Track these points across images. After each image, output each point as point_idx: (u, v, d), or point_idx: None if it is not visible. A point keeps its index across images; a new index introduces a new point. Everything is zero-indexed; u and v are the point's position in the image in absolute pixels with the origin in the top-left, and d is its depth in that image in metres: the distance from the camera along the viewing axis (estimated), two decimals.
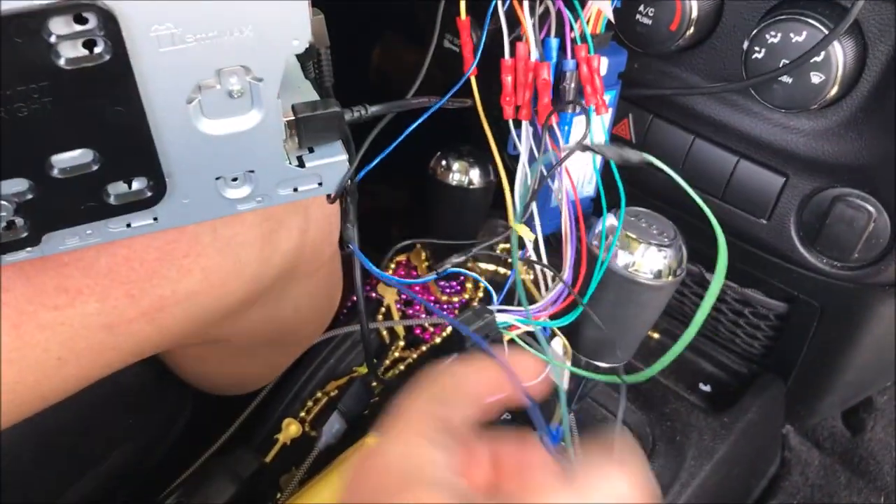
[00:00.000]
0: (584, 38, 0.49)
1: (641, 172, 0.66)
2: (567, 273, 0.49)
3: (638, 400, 0.73)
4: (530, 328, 0.48)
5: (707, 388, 0.78)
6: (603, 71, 0.52)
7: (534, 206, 0.53)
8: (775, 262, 0.63)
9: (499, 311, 0.48)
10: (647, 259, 0.50)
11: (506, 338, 0.49)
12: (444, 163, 0.70)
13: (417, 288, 0.81)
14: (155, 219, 0.39)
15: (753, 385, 0.76)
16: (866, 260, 0.58)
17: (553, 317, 0.49)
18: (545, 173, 0.50)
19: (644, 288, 0.50)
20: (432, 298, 0.80)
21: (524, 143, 0.50)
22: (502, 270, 0.84)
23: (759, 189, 0.59)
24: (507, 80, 0.50)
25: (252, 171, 0.39)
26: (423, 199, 0.74)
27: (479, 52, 0.49)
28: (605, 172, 0.54)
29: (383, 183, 1.14)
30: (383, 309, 0.80)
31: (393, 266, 0.83)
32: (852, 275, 0.59)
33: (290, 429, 0.70)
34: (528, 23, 0.48)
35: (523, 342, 0.50)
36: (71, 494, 0.63)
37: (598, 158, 0.55)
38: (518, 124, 0.52)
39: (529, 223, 0.51)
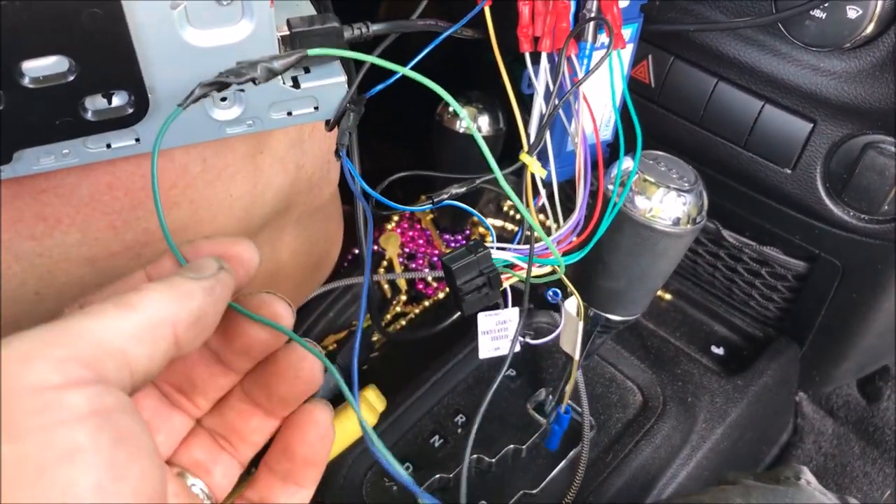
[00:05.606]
0: None
1: (660, 121, 0.63)
2: (579, 212, 0.46)
3: (648, 359, 0.70)
4: (536, 267, 0.44)
5: (720, 351, 0.75)
6: (624, 2, 0.49)
7: (549, 148, 0.49)
8: (797, 217, 0.60)
9: (497, 247, 0.43)
10: (666, 204, 0.47)
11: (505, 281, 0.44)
12: (451, 108, 0.67)
13: (422, 242, 0.78)
14: (137, 140, 0.36)
15: (768, 349, 0.73)
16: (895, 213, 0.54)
17: (565, 254, 0.45)
18: (560, 111, 0.47)
19: (661, 235, 0.47)
20: (436, 252, 0.77)
21: (541, 77, 0.47)
22: (510, 227, 0.82)
23: (785, 136, 0.55)
24: (525, 9, 0.46)
25: (242, 91, 0.36)
26: (429, 147, 0.71)
27: None
28: (624, 116, 0.51)
29: (386, 143, 1.11)
30: (385, 262, 0.77)
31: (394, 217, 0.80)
32: (879, 229, 0.56)
33: None
34: None
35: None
36: None
37: (619, 99, 0.52)
38: (535, 58, 0.48)
39: (544, 168, 0.48)
